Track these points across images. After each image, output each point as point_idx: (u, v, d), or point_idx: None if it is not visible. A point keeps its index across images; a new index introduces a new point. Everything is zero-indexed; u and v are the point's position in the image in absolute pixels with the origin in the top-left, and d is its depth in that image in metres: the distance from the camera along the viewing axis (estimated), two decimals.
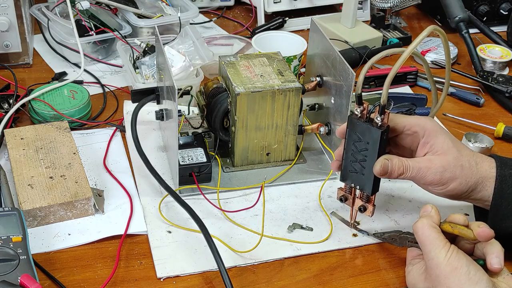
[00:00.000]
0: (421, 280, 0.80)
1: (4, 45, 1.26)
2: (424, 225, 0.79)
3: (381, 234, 0.91)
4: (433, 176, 0.84)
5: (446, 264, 0.75)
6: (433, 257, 0.76)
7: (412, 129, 0.86)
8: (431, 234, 0.78)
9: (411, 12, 1.64)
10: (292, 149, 1.05)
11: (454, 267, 0.75)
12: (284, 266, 0.88)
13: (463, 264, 0.75)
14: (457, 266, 0.75)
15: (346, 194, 0.91)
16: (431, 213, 0.81)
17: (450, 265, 0.75)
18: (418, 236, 0.79)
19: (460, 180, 0.84)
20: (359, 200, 0.90)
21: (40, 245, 0.88)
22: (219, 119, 1.01)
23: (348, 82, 0.95)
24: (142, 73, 1.20)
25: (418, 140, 0.86)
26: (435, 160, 0.84)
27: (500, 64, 1.37)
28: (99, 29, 1.30)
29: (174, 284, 0.84)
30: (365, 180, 0.87)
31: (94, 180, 1.00)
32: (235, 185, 1.01)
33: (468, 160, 0.85)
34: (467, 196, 0.86)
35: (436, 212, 0.81)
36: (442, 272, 0.75)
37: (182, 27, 1.31)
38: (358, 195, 0.90)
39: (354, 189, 0.90)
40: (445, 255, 0.75)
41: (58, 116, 1.10)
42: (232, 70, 1.02)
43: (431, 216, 0.81)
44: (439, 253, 0.76)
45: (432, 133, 0.85)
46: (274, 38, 1.27)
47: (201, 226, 0.87)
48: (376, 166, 0.84)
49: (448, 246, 0.76)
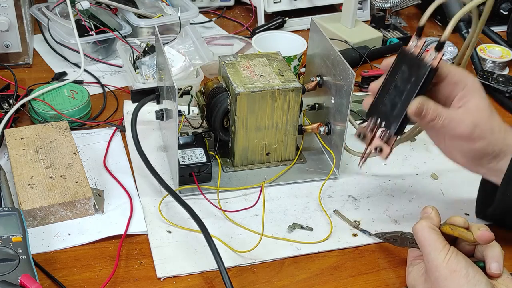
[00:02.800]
0: (421, 282, 0.80)
1: (4, 45, 1.26)
2: (423, 227, 0.79)
3: (382, 234, 0.91)
4: (464, 129, 0.81)
5: (445, 266, 0.75)
6: (432, 259, 0.76)
7: (454, 79, 0.83)
8: (431, 236, 0.78)
9: (411, 12, 1.64)
10: (292, 149, 1.05)
11: (453, 270, 0.74)
12: (284, 266, 0.88)
13: (462, 266, 0.75)
14: (456, 268, 0.74)
15: (365, 132, 0.87)
16: (431, 215, 0.81)
17: (449, 267, 0.75)
18: (417, 237, 0.79)
19: (488, 141, 0.82)
20: (378, 140, 0.86)
21: (40, 245, 0.88)
22: (219, 119, 1.01)
23: (348, 82, 0.95)
24: (142, 73, 1.20)
25: (457, 92, 0.83)
26: (469, 114, 0.82)
27: (500, 64, 1.37)
28: (99, 29, 1.30)
29: (174, 284, 0.84)
30: (394, 117, 0.83)
31: (94, 180, 1.00)
32: (235, 185, 1.01)
33: (499, 125, 0.83)
34: (488, 161, 0.84)
35: (436, 214, 0.81)
36: (441, 274, 0.75)
37: (182, 27, 1.31)
38: (380, 134, 0.86)
39: (377, 127, 0.86)
40: (444, 257, 0.75)
41: (58, 116, 1.10)
42: (232, 70, 1.02)
43: (431, 218, 0.81)
44: (438, 255, 0.76)
45: (471, 90, 0.83)
46: (274, 38, 1.27)
47: (201, 226, 0.87)
48: (412, 105, 0.81)
49: (447, 248, 0.76)
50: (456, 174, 1.04)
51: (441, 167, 1.07)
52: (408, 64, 0.83)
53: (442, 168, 1.06)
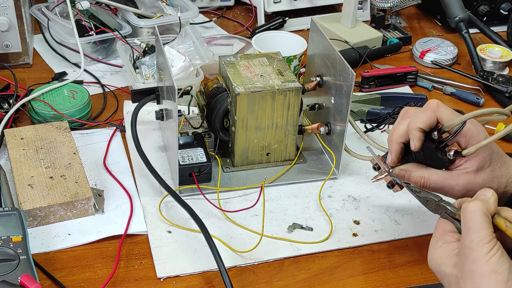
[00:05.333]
0: (449, 264, 0.70)
1: (4, 45, 1.26)
2: (478, 209, 0.68)
3: (416, 189, 0.81)
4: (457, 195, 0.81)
5: (486, 262, 0.66)
6: (473, 248, 0.67)
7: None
8: (482, 223, 0.67)
9: (411, 12, 1.64)
10: (292, 149, 1.05)
11: (494, 270, 0.66)
12: (284, 266, 0.88)
13: (504, 268, 0.66)
14: (498, 269, 0.66)
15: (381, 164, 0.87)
16: (490, 200, 0.70)
17: (490, 265, 0.66)
18: (466, 218, 0.69)
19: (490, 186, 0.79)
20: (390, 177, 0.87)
21: (40, 245, 0.88)
22: (219, 119, 1.01)
23: (348, 82, 0.95)
24: (142, 73, 1.20)
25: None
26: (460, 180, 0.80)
27: (500, 64, 1.37)
28: (99, 29, 1.30)
29: (174, 284, 0.84)
30: None
31: (94, 180, 1.00)
32: (235, 185, 1.01)
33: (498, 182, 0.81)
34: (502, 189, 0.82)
35: (495, 201, 0.70)
36: (479, 270, 0.66)
37: (182, 27, 1.31)
38: None
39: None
40: (487, 252, 0.66)
41: (58, 116, 1.10)
42: (232, 70, 1.02)
43: (489, 203, 0.70)
44: (482, 246, 0.67)
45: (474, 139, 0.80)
46: (274, 38, 1.27)
47: (201, 226, 0.87)
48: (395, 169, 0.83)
49: (493, 243, 0.67)
50: None
51: None
52: (427, 150, 0.81)
53: None
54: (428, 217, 0.96)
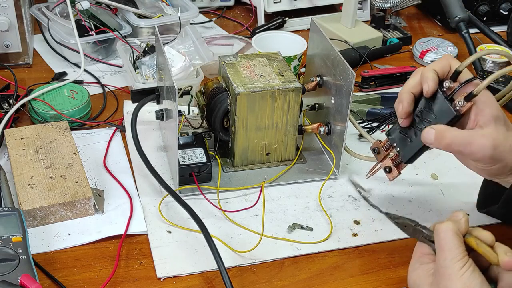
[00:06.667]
0: (426, 283, 0.75)
1: (4, 45, 1.26)
2: (449, 229, 0.73)
3: (395, 216, 0.84)
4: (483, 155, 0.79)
5: (459, 279, 0.70)
6: (447, 266, 0.71)
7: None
8: (453, 242, 0.72)
9: (411, 12, 1.64)
10: (292, 149, 1.05)
11: (466, 285, 0.69)
12: (284, 266, 0.88)
13: (476, 284, 0.70)
14: (469, 285, 0.69)
15: (381, 148, 0.90)
16: (460, 221, 0.74)
17: (463, 281, 0.70)
18: (439, 238, 0.73)
19: (506, 162, 0.80)
20: (389, 161, 0.90)
21: (40, 245, 0.88)
22: (219, 119, 1.01)
23: (348, 82, 0.95)
24: (142, 73, 1.20)
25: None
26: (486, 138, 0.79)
27: (500, 64, 1.37)
28: (99, 29, 1.30)
29: (174, 284, 0.84)
30: (409, 148, 0.86)
31: (94, 180, 1.00)
32: (235, 185, 1.01)
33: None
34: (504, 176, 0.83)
35: (466, 222, 0.75)
36: (453, 286, 0.70)
37: (182, 27, 1.31)
38: (392, 156, 0.90)
39: (392, 149, 0.90)
40: (460, 268, 0.70)
41: (58, 116, 1.10)
42: (232, 70, 1.02)
43: (459, 223, 0.74)
44: (454, 264, 0.71)
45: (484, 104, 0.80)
46: (274, 38, 1.27)
47: (201, 226, 0.87)
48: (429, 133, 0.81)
49: (465, 260, 0.71)
50: (456, 174, 1.04)
51: (441, 167, 1.07)
52: (436, 102, 0.82)
53: (442, 168, 1.06)
54: (428, 217, 0.96)
